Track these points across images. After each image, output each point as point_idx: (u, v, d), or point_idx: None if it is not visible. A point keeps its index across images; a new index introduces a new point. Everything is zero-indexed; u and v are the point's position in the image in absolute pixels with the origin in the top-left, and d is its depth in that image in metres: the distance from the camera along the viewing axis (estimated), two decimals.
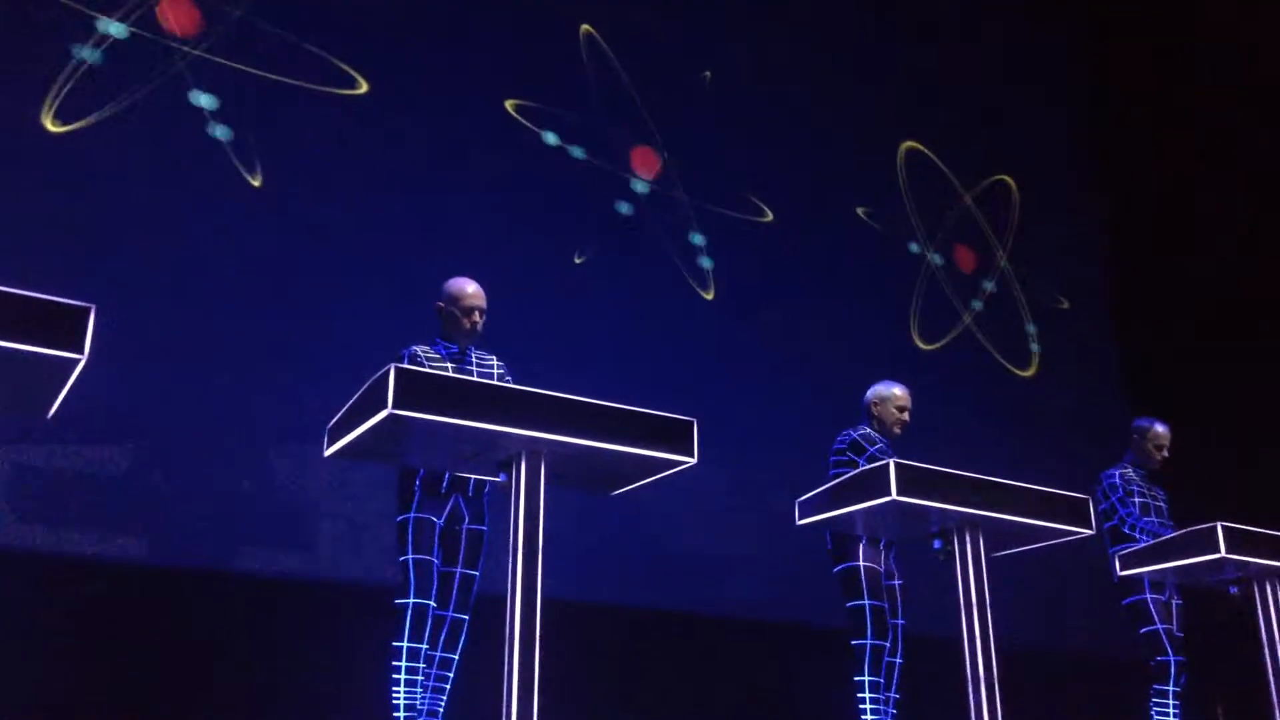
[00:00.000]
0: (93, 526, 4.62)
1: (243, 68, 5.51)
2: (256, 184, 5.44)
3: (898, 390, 4.63)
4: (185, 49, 5.39)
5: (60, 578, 4.46)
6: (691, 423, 2.79)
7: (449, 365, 3.94)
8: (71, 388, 2.29)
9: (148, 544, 4.73)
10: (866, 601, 4.31)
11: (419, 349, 3.96)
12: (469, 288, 4.01)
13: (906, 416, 4.60)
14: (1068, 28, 9.48)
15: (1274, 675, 4.10)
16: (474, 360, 4.03)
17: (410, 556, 3.76)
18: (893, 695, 4.38)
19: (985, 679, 3.34)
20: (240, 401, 5.08)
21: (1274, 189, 8.00)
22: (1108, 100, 9.32)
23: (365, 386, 2.55)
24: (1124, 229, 9.03)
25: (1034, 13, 9.28)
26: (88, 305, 2.18)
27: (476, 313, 3.98)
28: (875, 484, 3.27)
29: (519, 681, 2.55)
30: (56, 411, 2.42)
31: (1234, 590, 4.32)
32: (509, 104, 6.38)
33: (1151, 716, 4.85)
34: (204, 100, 5.32)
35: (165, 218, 5.16)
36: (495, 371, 4.06)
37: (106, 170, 5.07)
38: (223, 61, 5.46)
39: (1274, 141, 7.98)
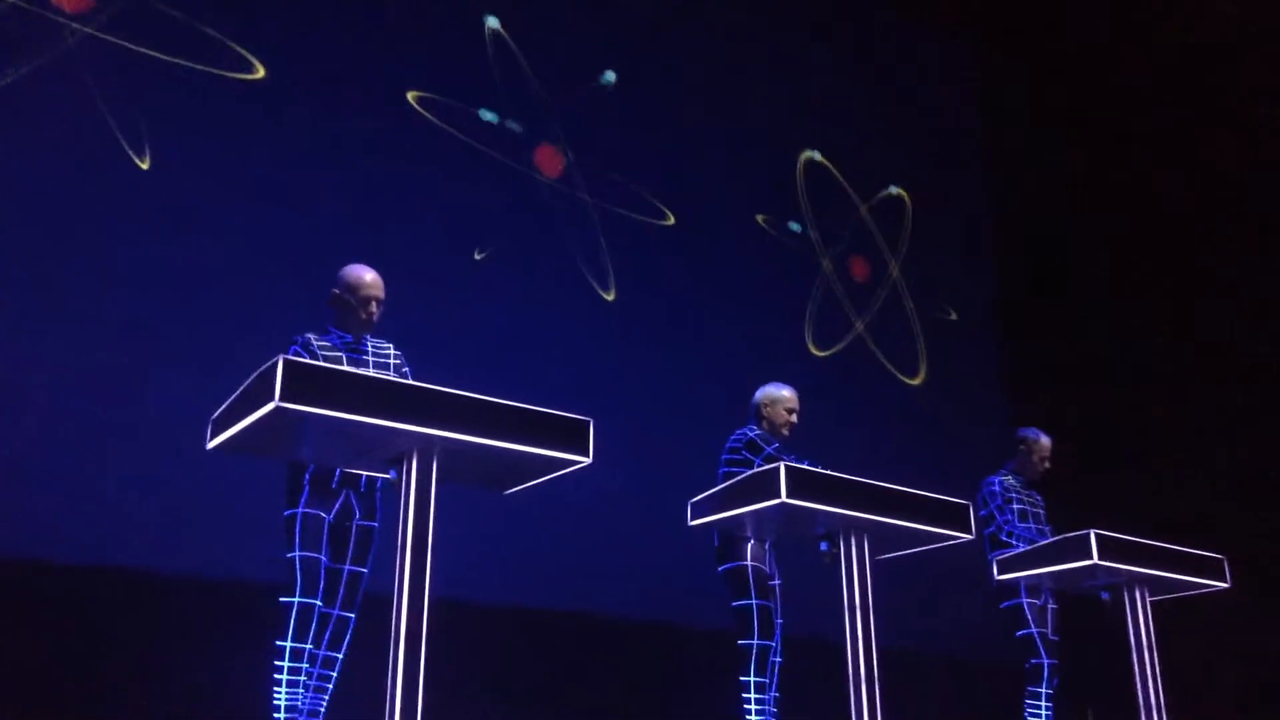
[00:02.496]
0: None
1: (135, 48, 5.35)
2: (144, 167, 5.28)
3: (786, 392, 4.69)
4: (75, 25, 5.21)
5: None
6: (588, 422, 2.78)
7: (343, 355, 3.86)
8: None
9: (22, 540, 4.55)
10: (754, 601, 4.34)
11: (311, 337, 3.86)
12: (366, 276, 3.90)
13: (794, 418, 4.67)
14: (967, 42, 9.72)
15: (1141, 678, 4.26)
16: (370, 350, 3.95)
17: (298, 554, 3.65)
18: (773, 695, 4.43)
19: (866, 679, 3.41)
20: (126, 391, 4.94)
21: (1153, 204, 8.32)
22: (1000, 113, 9.57)
23: (251, 378, 2.49)
24: (1009, 243, 9.30)
25: (934, 27, 9.50)
26: None
27: (374, 303, 3.88)
28: (766, 487, 3.31)
29: (404, 681, 2.52)
30: None
31: (1105, 596, 4.48)
32: (411, 96, 6.31)
33: (1025, 717, 5.00)
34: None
35: (48, 200, 4.99)
36: (392, 361, 3.98)
37: None
38: (114, 40, 5.29)
39: (1159, 153, 8.28)
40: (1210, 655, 6.48)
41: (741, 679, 4.31)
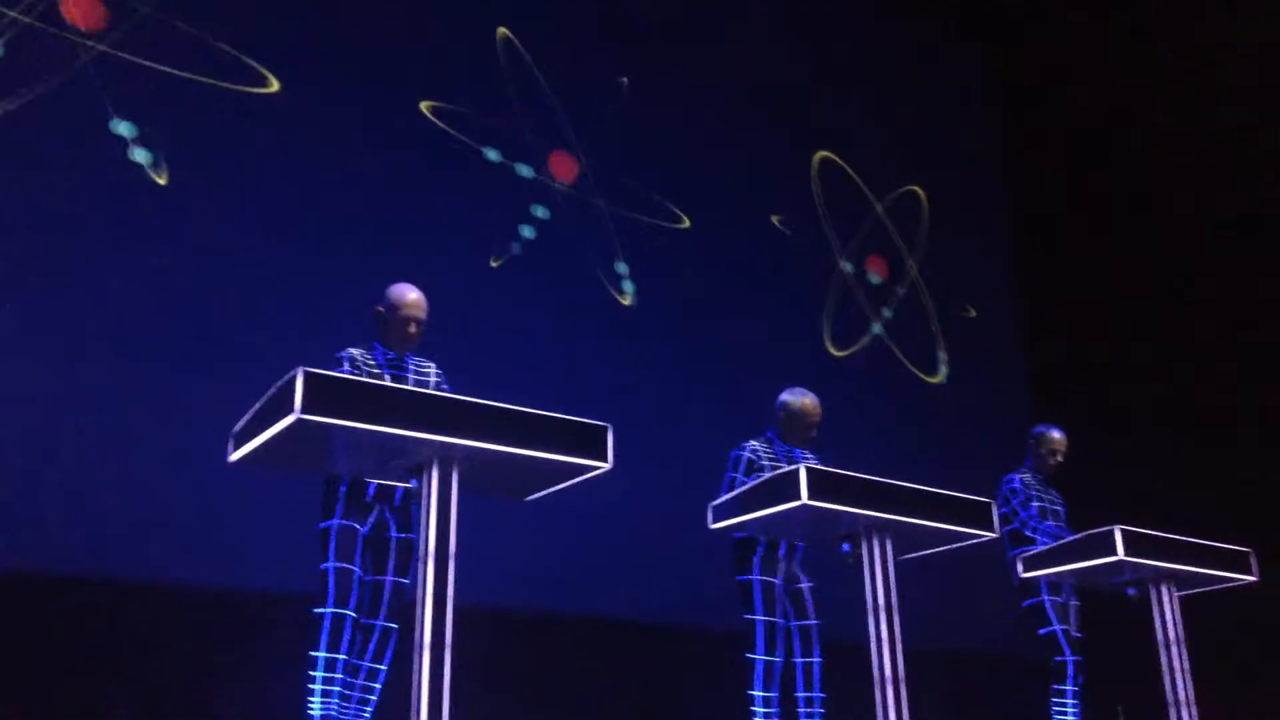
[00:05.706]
0: None
1: (150, 64, 5.38)
2: (163, 182, 5.32)
3: (809, 401, 4.65)
4: (90, 44, 5.25)
5: None
6: (606, 428, 2.79)
7: (385, 372, 3.89)
8: None
9: (51, 552, 4.58)
10: (759, 617, 4.35)
11: (356, 352, 3.89)
12: (409, 295, 3.93)
13: (814, 434, 4.66)
14: (980, 41, 9.69)
15: (1170, 675, 4.23)
16: (412, 368, 3.98)
17: (331, 565, 3.68)
18: (817, 695, 4.40)
19: (893, 679, 3.40)
20: (147, 406, 4.96)
21: (1178, 201, 8.26)
22: (1016, 111, 9.55)
23: (271, 391, 2.51)
24: (1029, 239, 9.26)
25: (947, 26, 9.47)
26: None
27: (414, 323, 3.92)
28: (787, 488, 3.31)
29: (429, 692, 2.53)
30: None
31: (1132, 592, 4.45)
32: (424, 105, 6.33)
33: (1051, 715, 4.97)
34: (121, 126, 5.20)
35: (68, 217, 5.02)
36: (432, 379, 4.01)
37: (3, 167, 4.91)
38: (129, 57, 5.33)
39: (1180, 151, 8.23)
40: (1241, 648, 6.43)
41: (749, 693, 4.32)
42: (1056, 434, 5.31)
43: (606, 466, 2.78)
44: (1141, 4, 8.50)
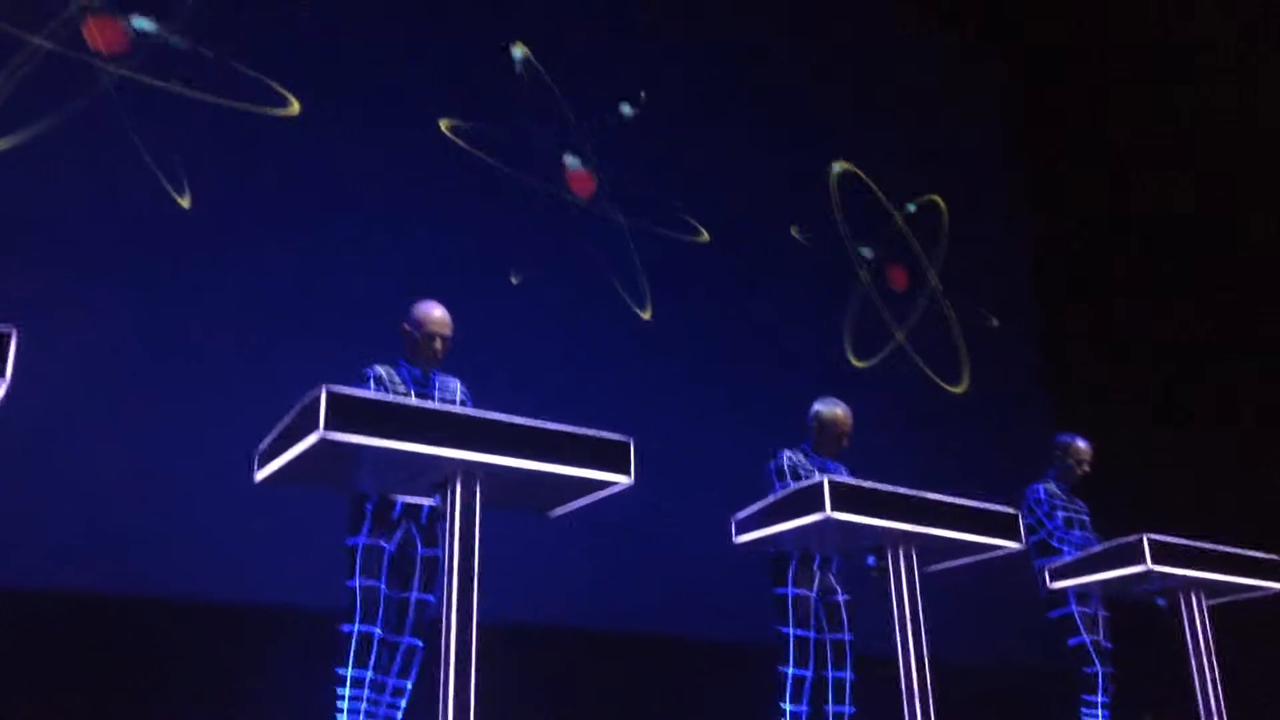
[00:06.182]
0: (19, 555, 4.49)
1: (171, 87, 5.43)
2: (185, 205, 5.36)
3: (840, 411, 4.66)
4: (111, 69, 5.30)
5: None
6: (628, 442, 2.78)
7: (412, 389, 3.91)
8: None
9: (80, 572, 4.61)
10: (791, 630, 4.36)
11: (382, 370, 3.92)
12: (435, 312, 3.96)
13: (845, 443, 4.67)
14: (999, 50, 9.66)
15: (1200, 684, 4.19)
16: (437, 385, 4.00)
17: (358, 582, 3.70)
18: (847, 710, 4.39)
19: (920, 692, 3.38)
20: (171, 424, 4.99)
21: (1194, 209, 8.22)
22: (1035, 119, 9.51)
23: (295, 410, 2.51)
24: (1049, 247, 9.22)
25: (966, 35, 9.46)
26: (9, 329, 2.13)
27: (439, 339, 3.94)
28: (810, 501, 3.30)
29: (454, 708, 2.53)
30: None
31: (1161, 602, 4.41)
32: (443, 124, 6.36)
33: None
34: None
35: (90, 239, 5.07)
36: (457, 397, 4.04)
37: (28, 191, 4.96)
38: (150, 80, 5.38)
39: (1202, 160, 8.20)
40: (1272, 657, 6.36)
41: (779, 704, 4.31)
42: (1082, 444, 5.27)
43: (629, 481, 2.77)
44: (1162, 13, 8.47)
